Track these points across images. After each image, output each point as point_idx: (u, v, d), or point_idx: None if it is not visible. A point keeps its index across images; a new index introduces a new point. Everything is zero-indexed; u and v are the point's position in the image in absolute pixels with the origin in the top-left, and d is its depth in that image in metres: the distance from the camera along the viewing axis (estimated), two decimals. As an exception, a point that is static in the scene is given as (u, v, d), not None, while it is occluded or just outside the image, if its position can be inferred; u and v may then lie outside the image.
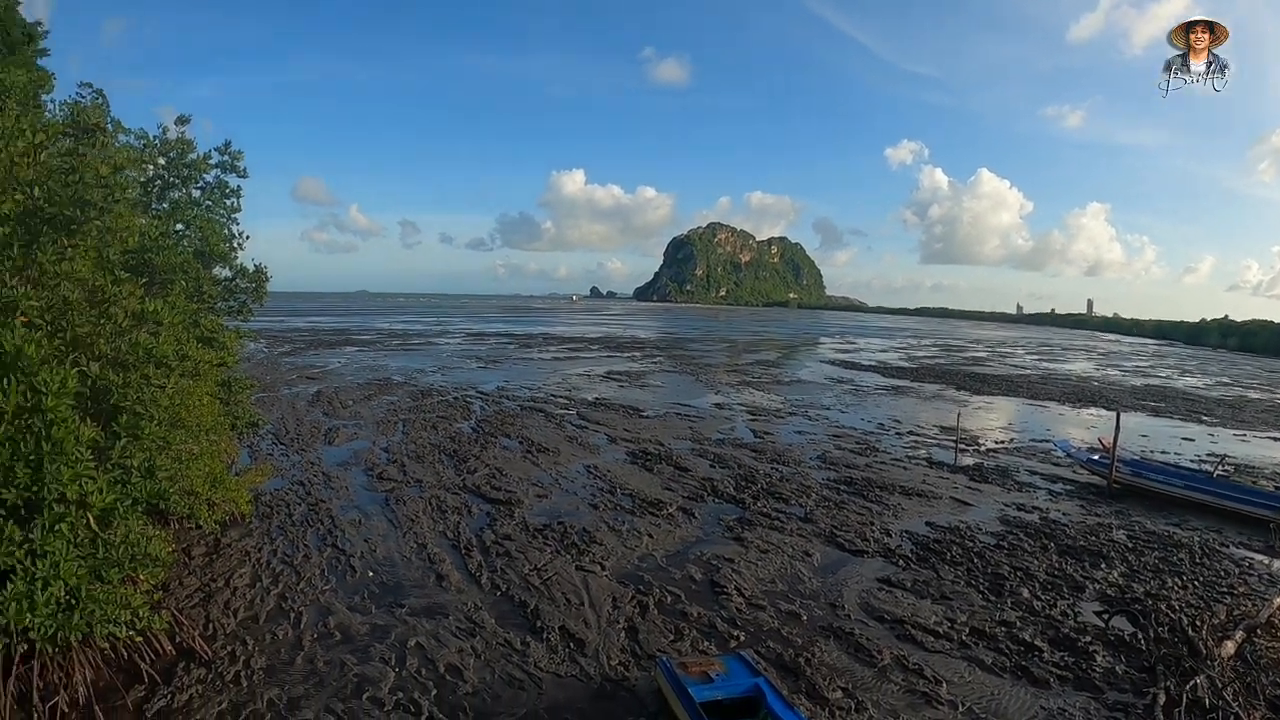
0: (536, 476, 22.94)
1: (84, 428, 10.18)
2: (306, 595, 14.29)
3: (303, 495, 20.50)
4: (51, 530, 9.73)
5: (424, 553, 16.43)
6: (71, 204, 11.63)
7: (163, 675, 11.24)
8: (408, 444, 27.15)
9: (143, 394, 11.77)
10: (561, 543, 17.01)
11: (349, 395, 38.71)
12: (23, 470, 9.62)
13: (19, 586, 9.31)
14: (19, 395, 9.65)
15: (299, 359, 58.03)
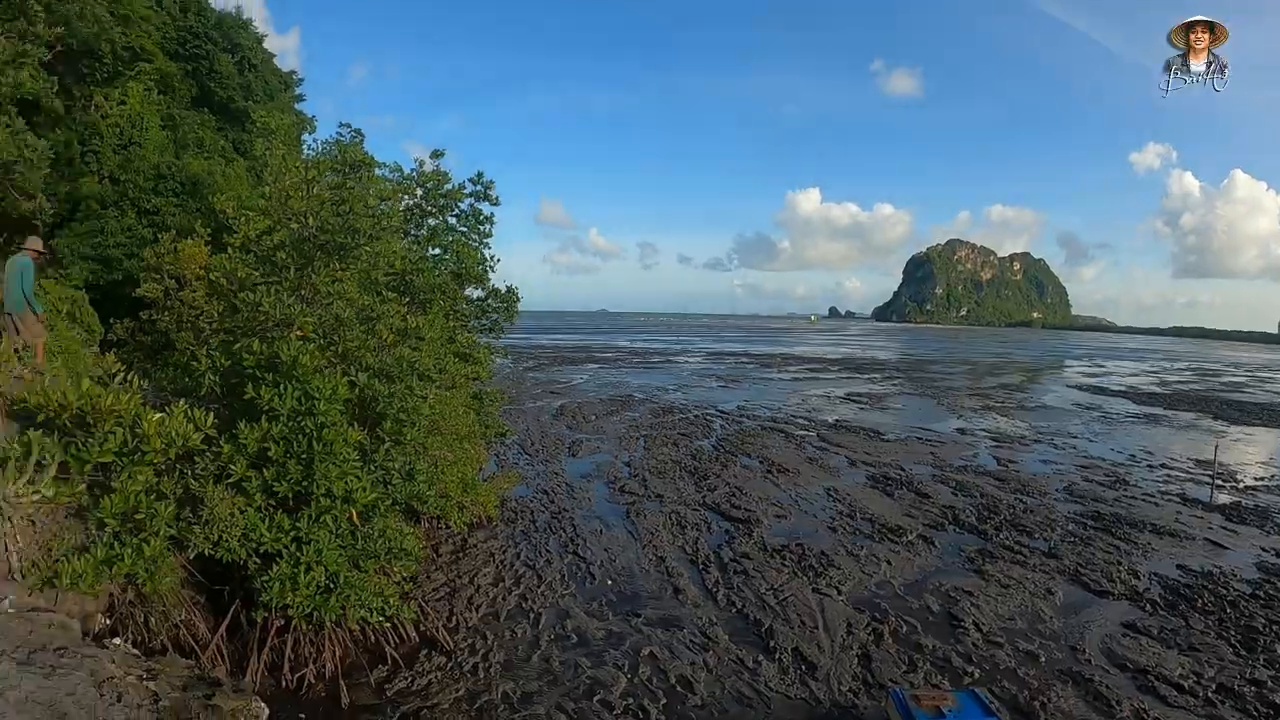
0: (776, 496, 23.08)
1: (352, 432, 11.60)
2: (546, 598, 15.18)
3: (546, 503, 21.69)
4: (317, 521, 11.14)
5: (662, 566, 16.93)
6: (343, 232, 13.18)
7: (405, 660, 12.40)
8: (649, 459, 27.91)
9: (406, 403, 12.96)
10: (799, 564, 17.00)
11: (592, 410, 40.10)
12: (295, 466, 11.16)
13: (284, 569, 10.79)
14: (294, 400, 11.21)
15: (544, 374, 60.65)
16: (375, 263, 14.03)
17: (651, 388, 52.07)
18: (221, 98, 29.94)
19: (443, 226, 19.92)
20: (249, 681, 10.75)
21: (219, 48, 30.45)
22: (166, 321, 17.93)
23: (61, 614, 9.95)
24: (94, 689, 8.56)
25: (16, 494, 10.46)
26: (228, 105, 30.05)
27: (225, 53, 30.67)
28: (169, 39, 29.11)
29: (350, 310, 13.02)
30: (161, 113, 26.40)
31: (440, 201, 19.81)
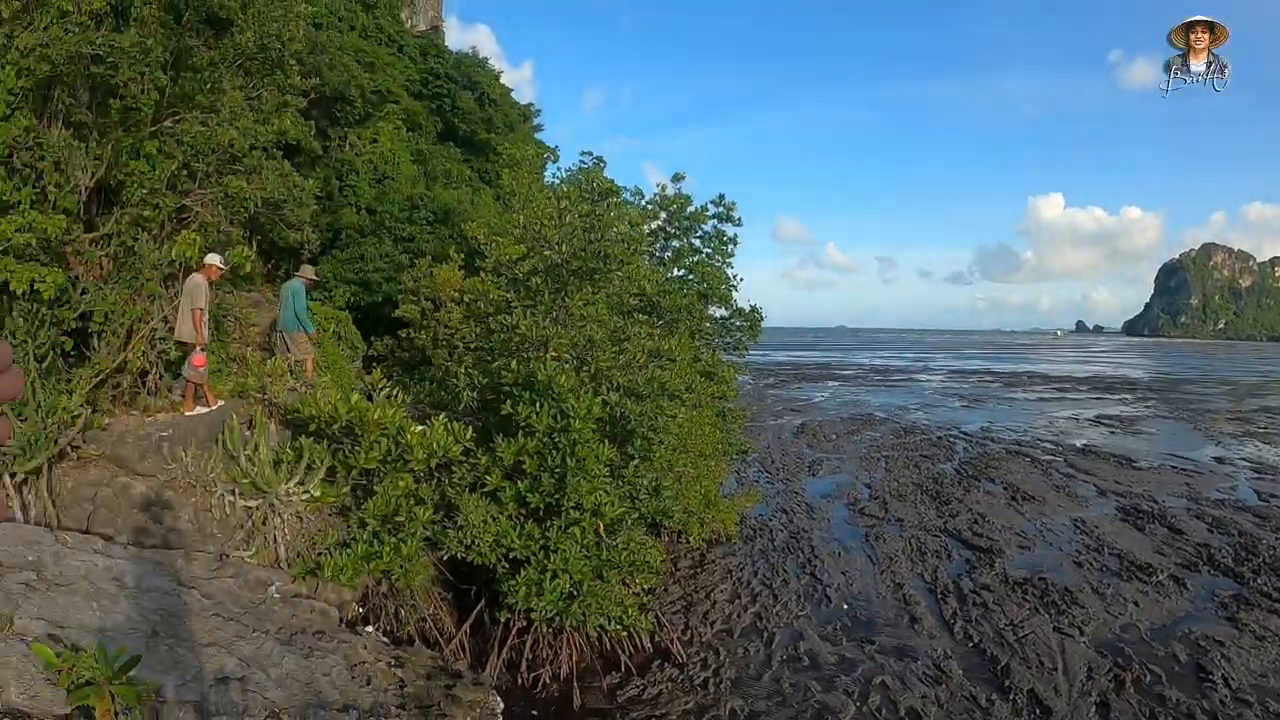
0: (1019, 525, 22.09)
1: (603, 449, 12.17)
2: (781, 618, 15.14)
3: (785, 522, 21.64)
4: (565, 531, 11.75)
5: (899, 593, 16.61)
6: (595, 258, 13.95)
7: (638, 668, 12.73)
8: (889, 481, 27.32)
9: (655, 421, 13.48)
10: (1041, 600, 16.20)
11: (832, 429, 39.49)
12: (548, 479, 11.87)
13: (531, 575, 11.49)
14: (550, 417, 11.92)
15: (783, 392, 60.07)
16: (625, 286, 14.58)
17: (892, 406, 50.82)
18: (465, 132, 31.68)
19: (687, 248, 20.42)
20: (488, 676, 11.58)
21: (459, 86, 32.29)
22: (423, 339, 19.16)
23: (321, 601, 11.18)
24: (346, 671, 9.29)
25: (288, 493, 11.72)
26: (471, 138, 31.76)
27: (465, 90, 32.47)
28: (412, 81, 31.15)
29: (602, 332, 13.74)
30: (411, 148, 28.24)
31: (684, 224, 20.22)
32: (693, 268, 20.09)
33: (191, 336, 12.65)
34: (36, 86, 11.84)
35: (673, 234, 20.59)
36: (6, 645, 6.94)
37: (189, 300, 12.72)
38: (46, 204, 11.71)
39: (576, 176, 18.94)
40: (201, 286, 12.81)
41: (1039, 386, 72.20)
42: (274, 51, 14.86)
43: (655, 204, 20.19)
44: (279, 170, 15.54)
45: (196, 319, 12.67)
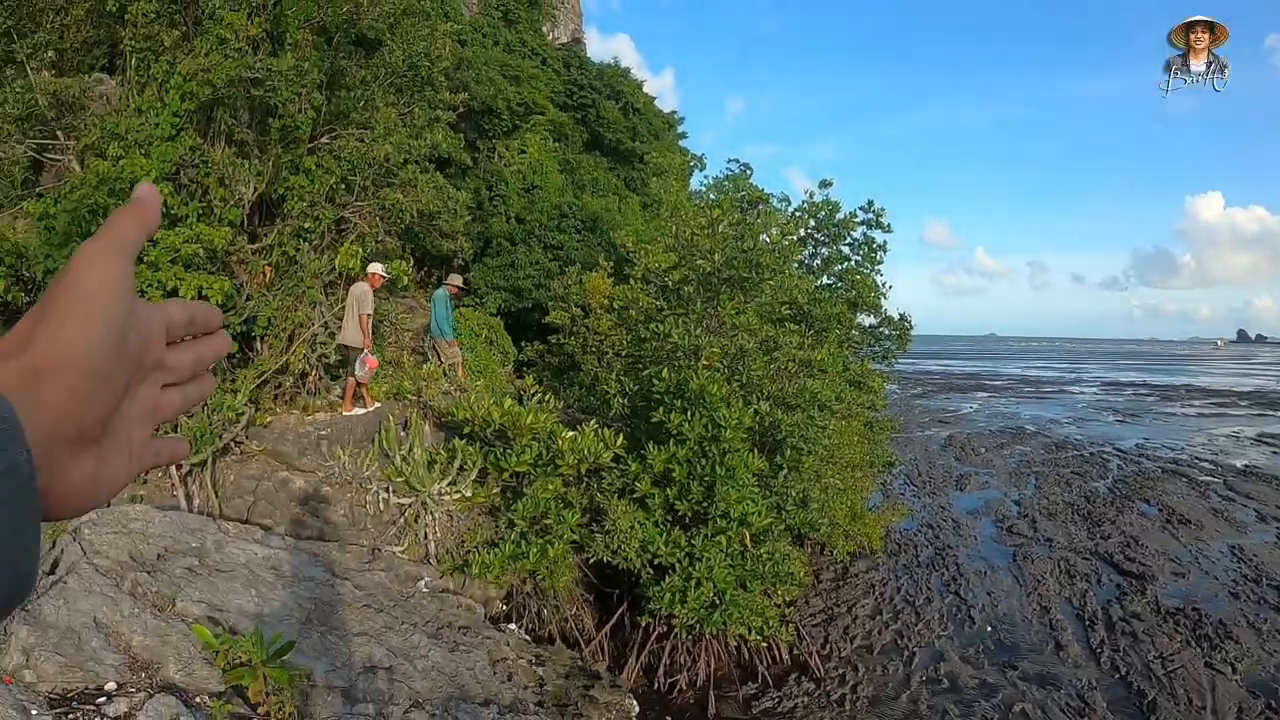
0: (1174, 551, 20.89)
1: (753, 458, 12.07)
2: (922, 637, 14.79)
3: (930, 538, 21.01)
4: (711, 540, 11.65)
5: (1046, 617, 15.93)
6: (746, 266, 13.82)
7: (775, 680, 12.60)
8: (1039, 499, 26.23)
9: (806, 432, 13.33)
10: (1193, 632, 15.25)
11: (980, 442, 38.17)
12: (697, 488, 11.79)
13: (676, 582, 11.42)
14: (701, 426, 11.83)
15: (931, 402, 58.40)
16: (776, 295, 14.43)
17: (1044, 420, 48.76)
18: (610, 141, 31.91)
19: (835, 255, 20.02)
20: (625, 679, 11.61)
21: (603, 96, 32.55)
22: (572, 345, 19.36)
23: (467, 598, 11.34)
24: (489, 666, 9.38)
25: (440, 492, 11.96)
26: (617, 147, 31.98)
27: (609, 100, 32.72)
28: (557, 92, 31.53)
29: (753, 341, 13.57)
30: (558, 158, 28.58)
31: (832, 231, 19.87)
32: (842, 275, 19.73)
33: (357, 340, 13.14)
34: (200, 108, 12.51)
35: (821, 241, 20.20)
36: (168, 625, 7.22)
37: (356, 306, 13.24)
38: (212, 217, 12.32)
39: (724, 184, 18.91)
40: (368, 294, 13.38)
41: (1198, 401, 67.91)
42: (423, 69, 15.39)
43: (803, 211, 19.93)
44: (434, 183, 15.99)
45: (364, 324, 13.19)
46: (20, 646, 6.44)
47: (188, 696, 6.49)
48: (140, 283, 11.33)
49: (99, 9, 13.28)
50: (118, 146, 11.64)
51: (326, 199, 13.53)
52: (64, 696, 6.15)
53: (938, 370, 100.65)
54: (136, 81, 12.93)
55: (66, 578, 7.43)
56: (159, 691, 6.43)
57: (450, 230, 18.19)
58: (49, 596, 7.09)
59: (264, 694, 6.61)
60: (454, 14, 26.45)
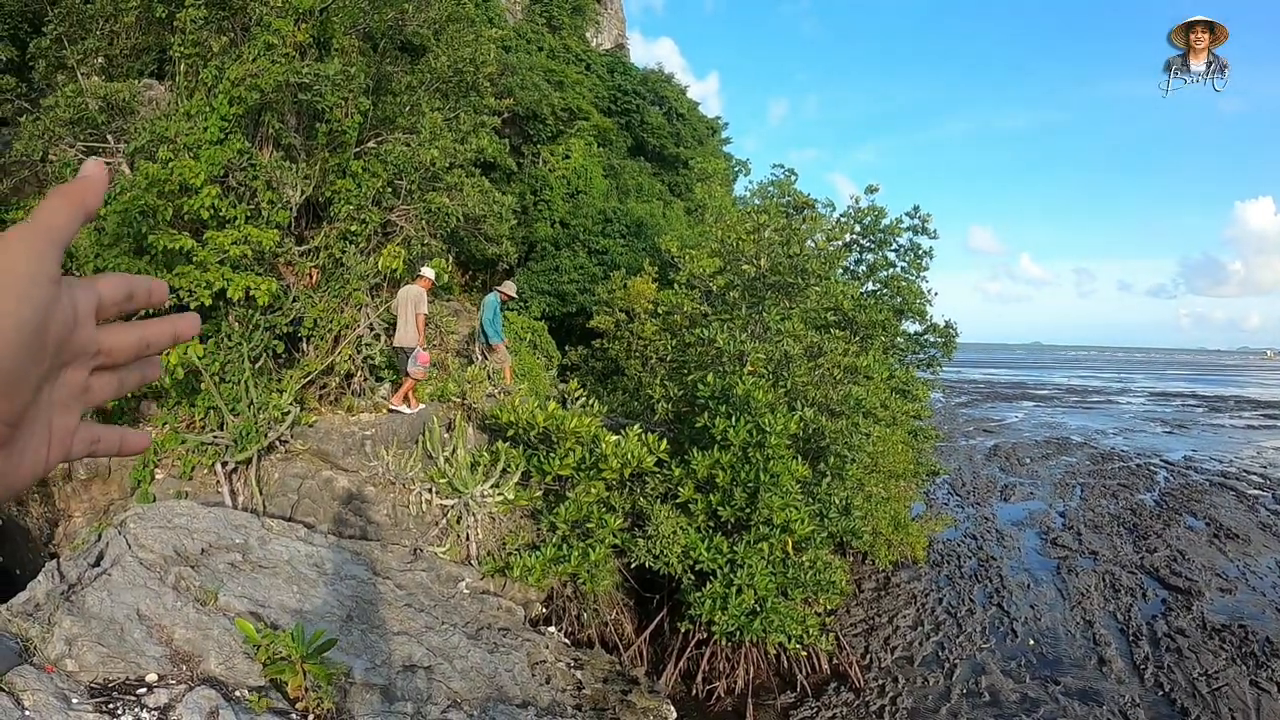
0: (1221, 566, 20.41)
1: (797, 465, 11.94)
2: (964, 648, 14.61)
3: (974, 549, 20.71)
4: (753, 547, 11.58)
5: (1089, 631, 15.66)
6: (791, 272, 13.72)
7: (814, 689, 12.51)
8: (1084, 510, 25.80)
9: (850, 440, 13.21)
10: (1239, 649, 14.90)
11: (1025, 452, 37.63)
12: (740, 494, 11.71)
13: (717, 588, 11.36)
14: (746, 431, 11.71)
15: (975, 411, 57.75)
16: (821, 301, 14.29)
17: (1090, 430, 47.92)
18: (654, 146, 31.99)
19: (881, 261, 19.84)
20: (663, 684, 11.54)
21: (647, 101, 32.71)
22: (616, 350, 19.35)
23: (507, 600, 11.31)
24: (528, 668, 9.37)
25: (482, 494, 11.99)
26: (661, 153, 32.06)
27: (653, 105, 32.87)
28: (601, 98, 31.65)
29: (798, 347, 13.50)
30: (602, 163, 28.66)
31: (878, 237, 19.70)
32: (887, 282, 19.56)
33: (413, 340, 13.28)
34: (248, 113, 12.71)
35: (866, 247, 20.04)
36: (210, 619, 7.24)
37: (412, 307, 13.37)
38: (260, 219, 12.49)
39: (769, 189, 18.82)
40: (423, 295, 13.53)
41: (1247, 412, 66.28)
42: (468, 75, 15.50)
43: (848, 216, 19.79)
44: (479, 187, 16.07)
45: (419, 322, 13.37)
46: (63, 636, 6.48)
47: (227, 690, 6.49)
48: (188, 282, 11.48)
49: (148, 15, 13.49)
50: (167, 150, 11.81)
51: (373, 202, 13.64)
52: (105, 686, 6.17)
53: (982, 379, 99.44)
54: (185, 87, 13.12)
55: (111, 570, 7.48)
56: (199, 684, 6.44)
57: (495, 234, 18.29)
58: (93, 588, 7.14)
59: (303, 690, 6.61)
60: (498, 20, 26.71)
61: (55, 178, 13.42)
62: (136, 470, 11.31)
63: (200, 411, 11.90)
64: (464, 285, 22.65)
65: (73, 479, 11.48)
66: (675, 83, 35.34)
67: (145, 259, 11.68)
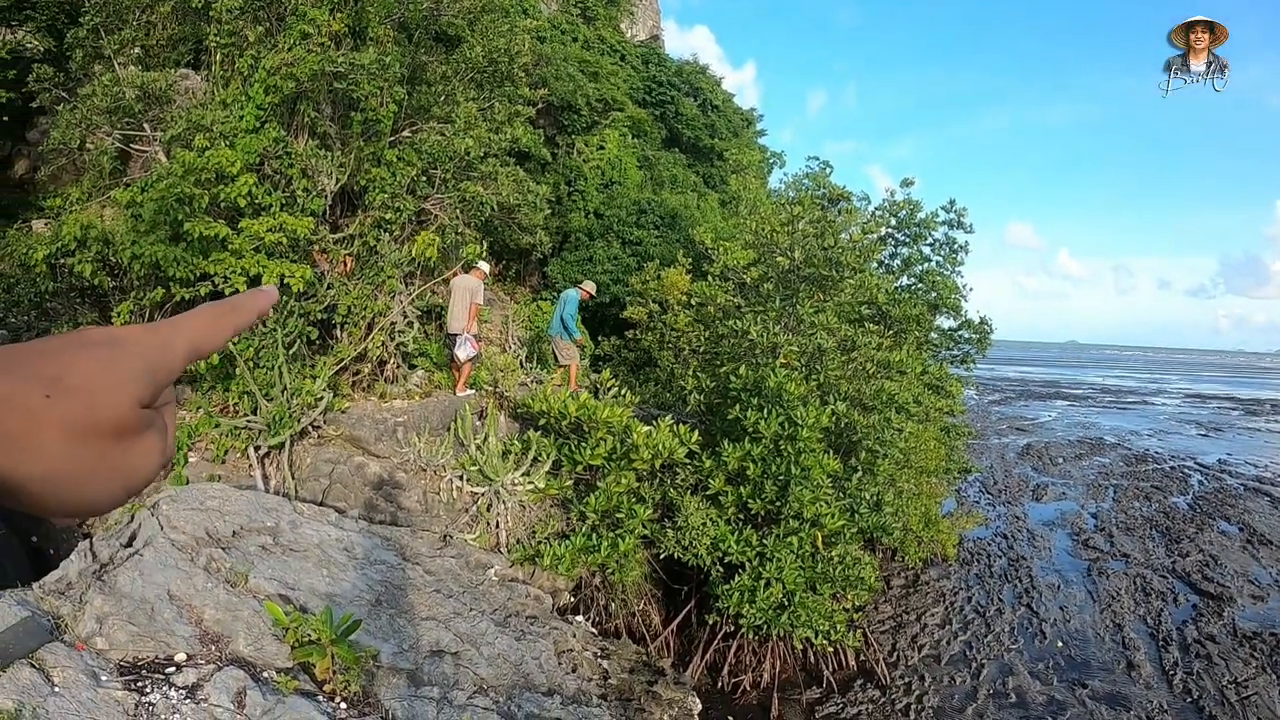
0: (1254, 573, 20.07)
1: (828, 459, 11.86)
2: (992, 649, 14.53)
3: (1004, 548, 20.57)
4: (782, 540, 11.53)
5: (1119, 634, 15.51)
6: (826, 265, 13.57)
7: (840, 685, 12.48)
8: (1117, 512, 25.48)
9: (882, 435, 13.14)
10: (1270, 658, 14.69)
11: (1058, 452, 37.23)
12: (771, 486, 11.65)
13: (745, 581, 11.33)
14: (778, 424, 11.67)
15: (1008, 409, 57.22)
16: (856, 294, 14.24)
17: (1124, 431, 47.30)
18: (689, 137, 31.90)
19: (916, 256, 19.66)
20: (689, 676, 11.48)
21: (681, 93, 32.61)
22: (649, 340, 19.32)
23: (536, 588, 11.26)
24: (554, 657, 9.36)
25: (513, 482, 12.00)
26: (695, 144, 31.98)
27: (688, 97, 32.78)
28: (636, 89, 31.60)
29: (831, 340, 13.43)
30: (637, 154, 28.59)
31: (913, 231, 19.52)
32: (922, 276, 19.37)
33: (461, 325, 13.60)
34: (284, 102, 12.77)
35: (901, 241, 19.86)
36: (239, 600, 7.27)
37: (468, 296, 13.70)
38: (295, 207, 12.55)
39: (804, 181, 18.71)
40: (479, 287, 13.89)
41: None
42: (502, 65, 15.49)
43: (884, 209, 19.61)
44: (513, 176, 16.08)
45: (474, 311, 13.67)
46: (94, 615, 6.52)
47: (256, 671, 6.52)
48: (224, 269, 11.57)
49: (184, 6, 13.60)
50: (203, 138, 11.88)
51: (407, 191, 13.66)
52: (134, 665, 6.21)
53: (1016, 377, 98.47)
54: (221, 76, 13.24)
55: (143, 550, 7.53)
56: (228, 664, 6.47)
57: (529, 224, 18.30)
58: (125, 568, 7.19)
59: (330, 672, 6.62)
60: (533, 11, 26.68)
61: (92, 165, 13.58)
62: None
63: (234, 396, 12.00)
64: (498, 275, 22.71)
65: (108, 461, 11.58)
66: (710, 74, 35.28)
67: (181, 246, 11.76)
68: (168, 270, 11.60)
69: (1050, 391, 78.77)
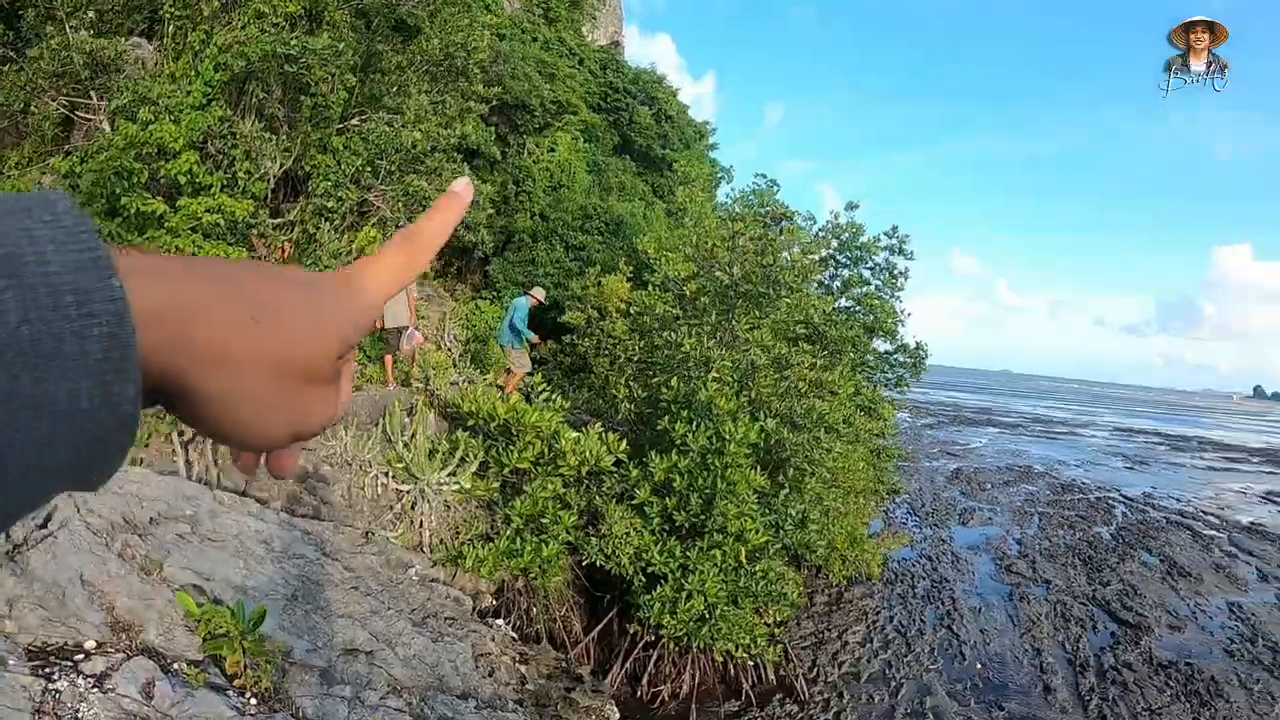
0: (1172, 603, 20.69)
1: (755, 475, 12.01)
2: (911, 668, 14.78)
3: (928, 570, 20.97)
4: (706, 553, 11.64)
5: (1037, 659, 15.88)
6: (765, 282, 13.69)
7: (759, 699, 12.60)
8: (1041, 539, 26.06)
9: (810, 453, 13.37)
10: (1184, 687, 15.18)
11: (987, 478, 37.97)
12: (696, 499, 11.79)
13: (667, 592, 11.43)
14: (705, 438, 11.80)
15: (940, 433, 58.10)
16: (792, 313, 14.37)
17: (1052, 460, 48.31)
18: (640, 146, 31.92)
19: (855, 279, 19.93)
20: (608, 685, 11.56)
21: (637, 101, 32.56)
22: (585, 347, 19.28)
23: (457, 589, 11.25)
24: (471, 660, 9.39)
25: (439, 482, 11.97)
26: (646, 153, 32.00)
27: (643, 105, 32.76)
28: (591, 93, 31.53)
29: (765, 357, 13.53)
30: (587, 159, 28.59)
31: (855, 254, 19.79)
32: (861, 299, 19.65)
33: (405, 319, 13.67)
34: (233, 80, 12.64)
35: (842, 263, 20.14)
36: (153, 589, 7.20)
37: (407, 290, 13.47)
38: (236, 189, 12.38)
39: (749, 197, 18.87)
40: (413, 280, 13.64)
41: (1209, 454, 66.75)
42: (459, 59, 15.43)
43: (827, 231, 19.85)
44: (459, 174, 16.02)
45: (412, 304, 13.85)
46: (4, 596, 6.42)
47: (166, 662, 6.47)
48: (158, 248, 11.39)
49: (141, -29, 13.36)
50: (148, 111, 11.69)
51: (352, 180, 13.58)
52: (43, 650, 6.14)
53: (949, 402, 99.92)
54: (173, 49, 13.02)
55: (57, 532, 7.41)
56: (137, 654, 6.41)
57: (472, 222, 18.23)
58: (38, 550, 7.08)
59: (241, 666, 6.59)
60: (495, 7, 26.57)
61: (34, 131, 13.30)
62: (92, 433, 11.17)
63: (161, 379, 11.77)
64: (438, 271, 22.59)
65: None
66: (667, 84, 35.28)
67: (117, 221, 11.55)
68: (101, 246, 11.41)
69: (983, 418, 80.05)
